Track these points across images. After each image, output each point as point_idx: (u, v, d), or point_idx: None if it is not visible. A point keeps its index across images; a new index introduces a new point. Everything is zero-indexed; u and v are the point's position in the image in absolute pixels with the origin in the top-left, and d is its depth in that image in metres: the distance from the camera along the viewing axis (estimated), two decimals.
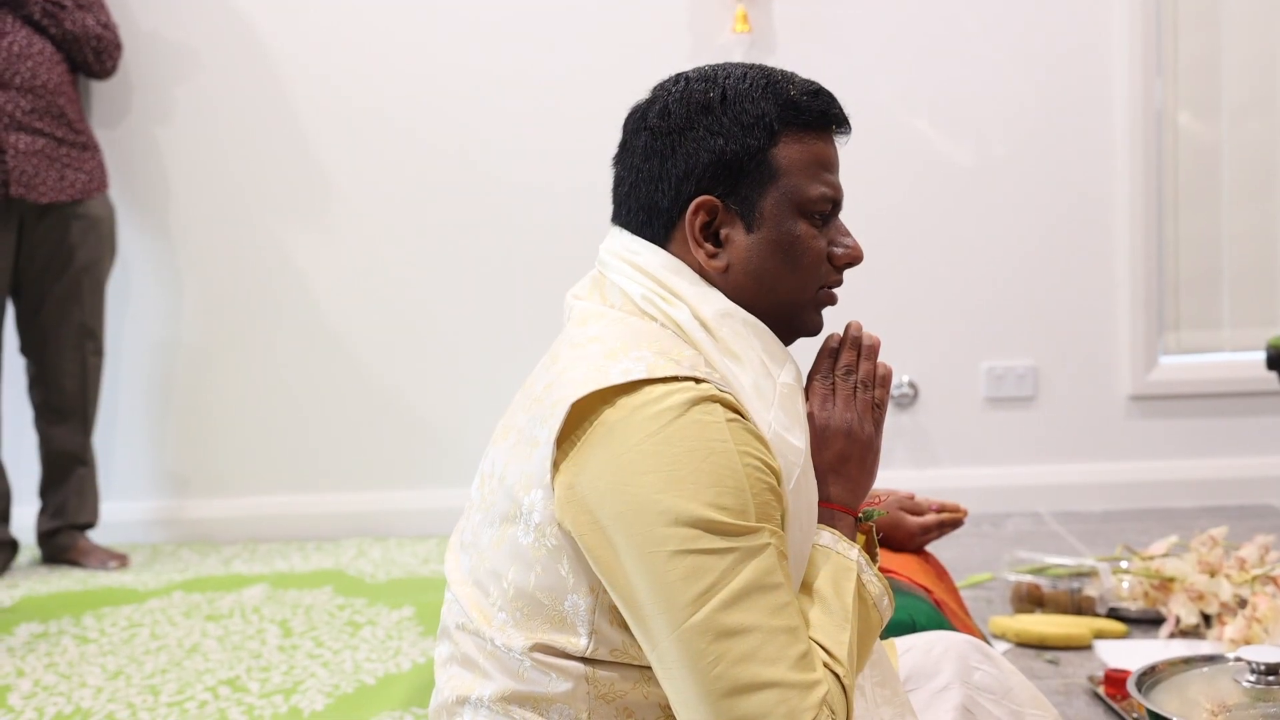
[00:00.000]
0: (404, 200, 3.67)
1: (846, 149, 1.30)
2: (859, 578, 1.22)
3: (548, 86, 3.62)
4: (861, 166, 3.27)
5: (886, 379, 1.30)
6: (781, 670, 1.08)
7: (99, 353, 3.44)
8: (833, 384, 1.28)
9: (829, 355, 1.30)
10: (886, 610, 1.24)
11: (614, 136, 1.31)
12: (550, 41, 3.63)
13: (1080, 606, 2.53)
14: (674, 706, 1.12)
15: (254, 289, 3.70)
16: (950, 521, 1.93)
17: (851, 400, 1.27)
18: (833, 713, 1.10)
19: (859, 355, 1.29)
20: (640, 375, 1.14)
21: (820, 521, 1.24)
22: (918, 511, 1.93)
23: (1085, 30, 3.61)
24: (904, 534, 1.90)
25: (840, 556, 1.22)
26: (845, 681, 1.14)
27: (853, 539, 1.25)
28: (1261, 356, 2.88)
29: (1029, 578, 2.60)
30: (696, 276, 1.24)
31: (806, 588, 1.20)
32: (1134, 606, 2.52)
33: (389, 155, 3.66)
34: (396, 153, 3.66)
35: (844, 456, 1.26)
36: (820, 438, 1.26)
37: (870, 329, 1.32)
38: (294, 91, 3.65)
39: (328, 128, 3.66)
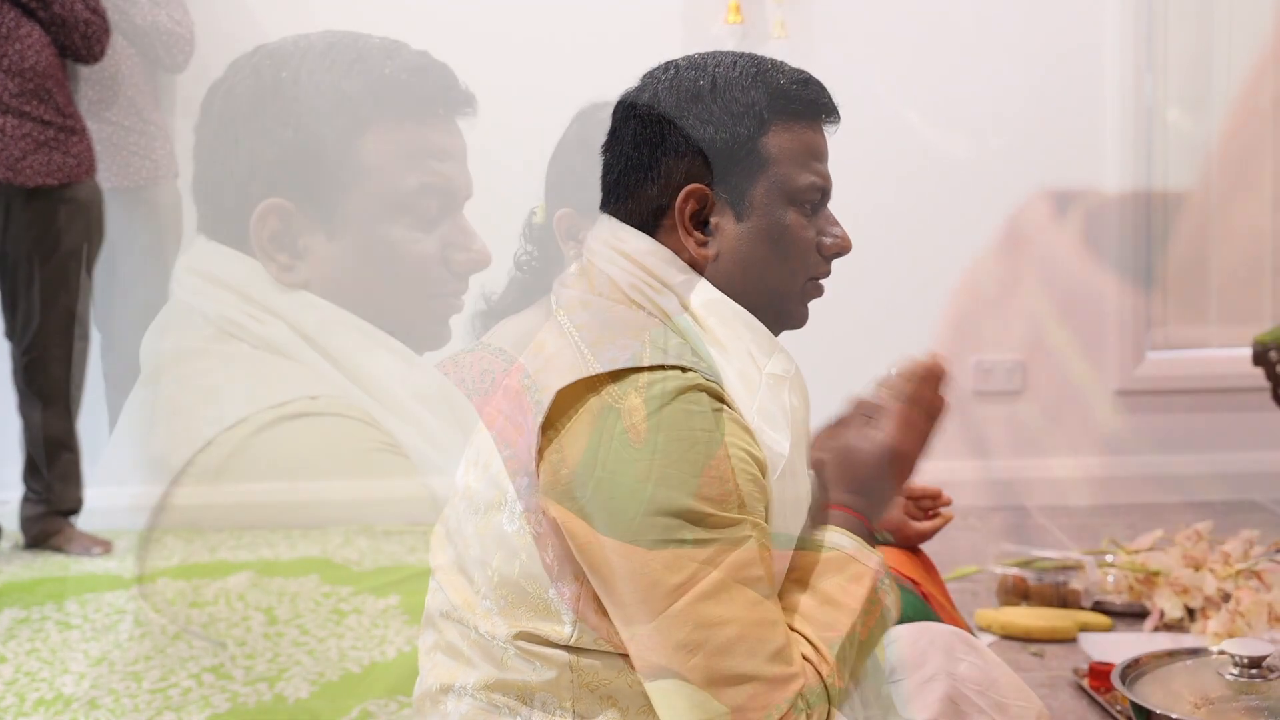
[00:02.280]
0: None
1: (838, 141, 1.30)
2: (874, 584, 1.21)
3: (538, 76, 3.61)
4: (852, 160, 3.26)
5: (944, 412, 1.34)
6: (758, 663, 1.08)
7: (85, 338, 3.42)
8: (913, 414, 1.31)
9: (911, 380, 1.35)
10: (892, 617, 1.25)
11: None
12: (540, 31, 3.61)
13: (1065, 600, 2.53)
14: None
15: None
16: (945, 522, 1.95)
17: (922, 432, 1.31)
18: (809, 706, 1.10)
19: (931, 387, 1.34)
20: (626, 363, 1.13)
21: (845, 527, 1.24)
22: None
23: (1076, 26, 3.60)
24: (902, 538, 1.92)
25: (859, 564, 1.21)
26: (828, 680, 1.13)
27: (872, 547, 1.25)
28: (1248, 353, 2.89)
29: (1015, 571, 2.61)
30: (685, 265, 1.24)
31: (815, 588, 1.20)
32: (1119, 600, 2.53)
33: None
34: None
35: (902, 482, 1.30)
36: (895, 460, 1.28)
37: (859, 321, 1.34)
38: None
39: None
